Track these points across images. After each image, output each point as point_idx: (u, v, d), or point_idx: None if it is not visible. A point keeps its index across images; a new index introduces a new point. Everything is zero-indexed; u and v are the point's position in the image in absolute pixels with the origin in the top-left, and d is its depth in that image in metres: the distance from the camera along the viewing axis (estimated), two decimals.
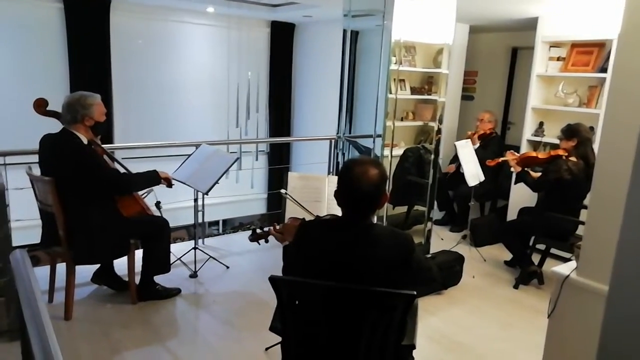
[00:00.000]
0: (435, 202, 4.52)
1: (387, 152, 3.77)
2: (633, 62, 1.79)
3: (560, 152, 3.60)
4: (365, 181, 1.60)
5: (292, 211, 2.62)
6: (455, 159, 4.85)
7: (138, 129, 6.12)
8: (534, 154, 3.86)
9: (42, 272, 3.21)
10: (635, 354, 1.00)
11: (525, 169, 3.77)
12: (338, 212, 1.76)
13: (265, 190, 7.34)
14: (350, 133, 4.43)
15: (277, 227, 2.14)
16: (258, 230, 2.17)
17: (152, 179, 3.09)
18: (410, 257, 1.64)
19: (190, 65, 6.59)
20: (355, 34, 6.28)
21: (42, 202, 2.90)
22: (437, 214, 5.01)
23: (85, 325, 2.89)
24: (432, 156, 4.01)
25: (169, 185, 3.19)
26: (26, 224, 3.59)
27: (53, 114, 2.97)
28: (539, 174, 3.76)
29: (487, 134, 4.86)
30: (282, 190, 2.58)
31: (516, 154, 3.87)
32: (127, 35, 5.96)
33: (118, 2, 5.65)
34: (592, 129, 4.02)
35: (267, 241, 2.21)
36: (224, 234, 6.81)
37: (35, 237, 3.12)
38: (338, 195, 1.67)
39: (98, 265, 3.28)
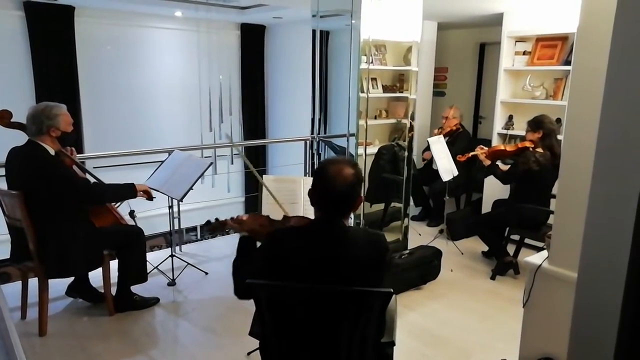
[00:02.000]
0: (412, 198, 4.57)
1: (361, 150, 3.79)
2: (591, 56, 1.85)
3: (527, 144, 3.69)
4: (341, 180, 1.58)
5: (268, 211, 2.61)
6: (428, 148, 4.88)
7: (108, 137, 6.00)
8: (502, 147, 3.95)
9: (13, 288, 3.13)
10: (604, 337, 1.04)
11: (496, 162, 3.85)
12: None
13: (242, 194, 7.29)
14: (325, 133, 4.44)
15: (235, 217, 2.07)
16: (212, 221, 2.08)
17: (128, 192, 3.01)
18: (385, 257, 1.65)
19: (160, 70, 6.50)
20: (325, 34, 6.30)
21: (10, 217, 2.82)
22: (413, 210, 5.07)
23: (61, 340, 2.82)
24: (406, 153, 4.05)
25: (149, 198, 3.10)
26: None
27: (18, 126, 2.89)
28: (509, 166, 3.85)
29: (453, 130, 4.91)
30: (261, 179, 2.52)
31: (485, 148, 3.95)
32: (94, 41, 5.84)
33: (82, 9, 5.53)
34: (559, 120, 4.13)
35: (227, 232, 2.11)
36: (202, 240, 6.73)
37: (4, 252, 3.03)
38: (313, 194, 1.65)
39: (72, 278, 3.20)
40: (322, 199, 1.64)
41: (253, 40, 7.07)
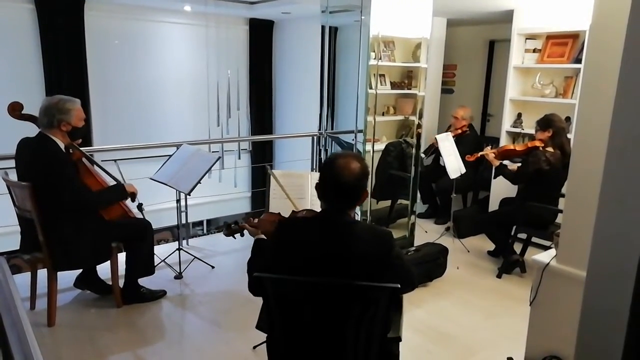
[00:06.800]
0: (419, 195, 4.56)
1: (369, 147, 3.79)
2: (603, 54, 1.83)
3: (537, 143, 3.67)
4: (347, 173, 1.61)
5: (275, 207, 2.62)
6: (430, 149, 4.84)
7: (117, 131, 6.03)
8: (511, 146, 3.93)
9: (23, 279, 3.17)
10: (612, 337, 1.03)
11: (503, 162, 3.83)
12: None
13: (249, 189, 7.31)
14: (332, 129, 4.44)
15: (253, 221, 2.14)
16: (232, 225, 2.16)
17: (119, 195, 2.99)
18: (390, 254, 1.65)
19: (169, 65, 6.52)
20: (334, 30, 6.28)
21: (20, 208, 2.85)
22: (420, 207, 5.06)
23: (69, 331, 2.85)
24: (414, 150, 4.04)
25: (133, 199, 3.06)
26: (5, 230, 3.52)
27: (29, 118, 2.91)
28: (519, 164, 3.83)
29: (460, 133, 4.86)
30: (267, 168, 2.60)
31: (493, 148, 3.93)
32: (103, 35, 5.87)
33: (92, 2, 5.55)
34: (568, 119, 4.11)
35: (242, 235, 2.20)
36: (208, 234, 6.77)
37: (14, 243, 3.06)
38: (320, 187, 1.68)
39: (81, 270, 3.23)
40: (329, 192, 1.67)
41: (261, 36, 7.07)
